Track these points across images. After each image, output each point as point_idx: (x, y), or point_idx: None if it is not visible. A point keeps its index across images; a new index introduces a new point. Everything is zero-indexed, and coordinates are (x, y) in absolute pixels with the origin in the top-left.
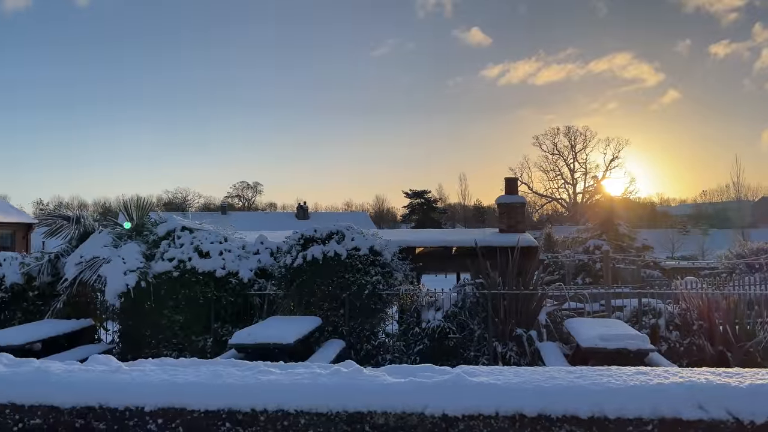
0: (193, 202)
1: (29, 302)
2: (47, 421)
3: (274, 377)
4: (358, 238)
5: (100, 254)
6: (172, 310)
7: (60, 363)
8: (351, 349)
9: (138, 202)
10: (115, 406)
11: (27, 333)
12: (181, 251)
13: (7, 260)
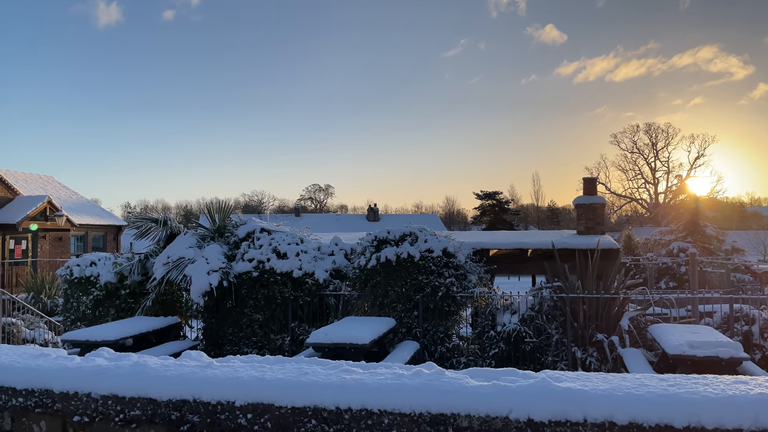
0: (268, 205)
1: (121, 300)
2: (146, 412)
3: (357, 376)
4: (431, 239)
5: (185, 255)
6: (252, 308)
7: (156, 358)
8: (425, 351)
9: (219, 205)
10: (207, 400)
11: (120, 329)
12: (260, 252)
13: (102, 260)
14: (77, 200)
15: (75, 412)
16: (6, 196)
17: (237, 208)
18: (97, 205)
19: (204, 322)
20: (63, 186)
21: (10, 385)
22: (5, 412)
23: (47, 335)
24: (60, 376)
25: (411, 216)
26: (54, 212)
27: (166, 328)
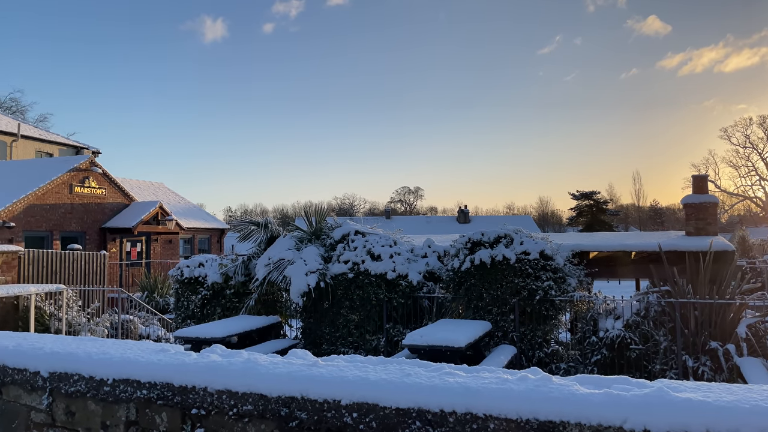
0: (359, 208)
1: (227, 299)
2: (257, 407)
3: (461, 379)
4: (527, 241)
5: (284, 256)
6: (348, 309)
7: (265, 355)
8: (522, 356)
9: (316, 208)
10: (314, 398)
11: (227, 327)
12: (355, 254)
13: (209, 262)
14: (185, 205)
15: (193, 405)
16: (123, 202)
17: (332, 211)
18: (202, 209)
19: (302, 322)
20: (172, 192)
21: (135, 378)
22: (130, 403)
23: (160, 332)
24: (179, 371)
25: (502, 217)
26: (165, 217)
27: (268, 327)
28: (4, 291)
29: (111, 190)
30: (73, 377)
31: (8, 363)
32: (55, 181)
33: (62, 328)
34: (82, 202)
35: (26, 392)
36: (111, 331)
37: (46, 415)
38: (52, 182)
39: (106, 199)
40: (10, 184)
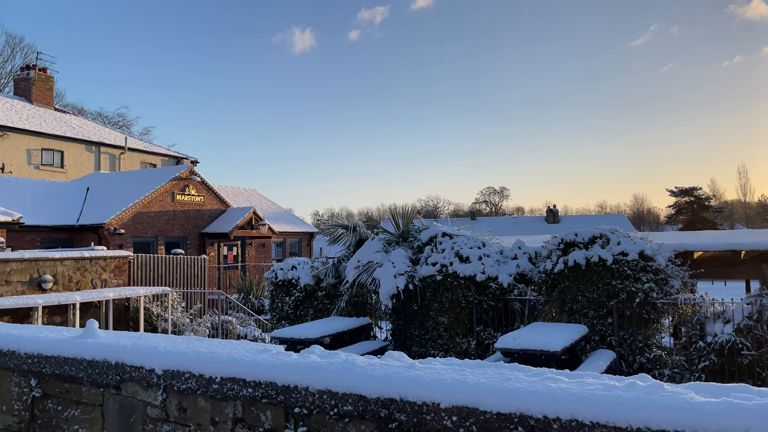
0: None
1: (318, 300)
2: (357, 408)
3: (564, 385)
4: (624, 241)
5: (373, 259)
6: (437, 311)
7: (362, 357)
8: (621, 361)
9: (403, 210)
10: (413, 400)
11: (320, 328)
12: (442, 256)
13: (301, 264)
14: (276, 210)
15: (295, 404)
16: (220, 208)
17: (418, 214)
18: (292, 213)
19: (392, 324)
20: (264, 197)
21: (241, 376)
22: (237, 401)
23: (256, 332)
24: (282, 371)
25: (594, 217)
26: (258, 221)
27: (359, 328)
28: (117, 293)
29: (209, 197)
30: (184, 375)
31: (126, 361)
32: (159, 190)
33: (168, 327)
34: (183, 209)
35: (142, 388)
36: (212, 331)
37: (160, 411)
38: (156, 191)
39: (204, 206)
40: (120, 194)
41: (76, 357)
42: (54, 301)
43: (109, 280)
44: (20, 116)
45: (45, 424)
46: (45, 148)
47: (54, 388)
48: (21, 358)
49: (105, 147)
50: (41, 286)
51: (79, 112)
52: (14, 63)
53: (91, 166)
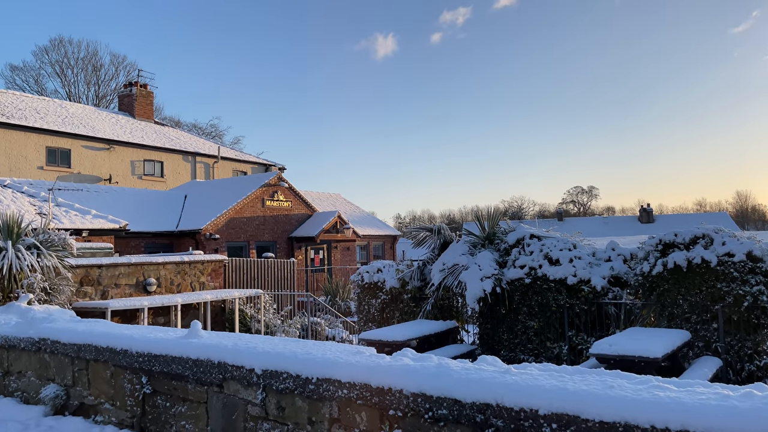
0: (528, 210)
1: (404, 303)
2: (452, 412)
3: (673, 394)
4: (730, 242)
5: (458, 262)
6: (526, 315)
7: (455, 360)
8: (728, 369)
9: (489, 212)
10: (510, 406)
11: (406, 331)
12: (531, 258)
13: (386, 267)
14: (359, 214)
15: (390, 406)
16: (306, 213)
17: (504, 215)
18: (375, 217)
19: (479, 327)
20: (348, 201)
21: (336, 378)
22: (333, 401)
23: (343, 333)
24: (375, 373)
25: (693, 215)
26: (343, 225)
27: (446, 332)
28: (214, 295)
29: (296, 203)
30: (282, 375)
31: (228, 360)
32: (250, 197)
33: (261, 328)
34: (272, 214)
35: (243, 387)
36: (301, 332)
37: (260, 409)
38: (247, 197)
39: (292, 211)
40: (214, 201)
41: (182, 356)
42: (158, 303)
43: (206, 283)
44: (125, 130)
45: (155, 419)
46: (147, 159)
47: (162, 385)
48: (133, 356)
49: (200, 156)
50: (146, 289)
51: (176, 124)
52: (118, 80)
53: (187, 174)
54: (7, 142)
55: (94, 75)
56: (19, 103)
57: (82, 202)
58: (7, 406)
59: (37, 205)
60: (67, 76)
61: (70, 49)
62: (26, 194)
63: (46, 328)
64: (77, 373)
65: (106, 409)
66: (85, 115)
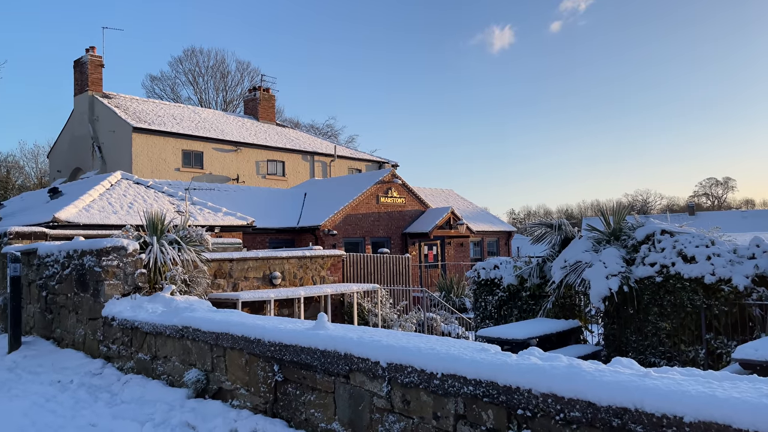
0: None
1: (522, 301)
2: (585, 415)
3: None
4: None
5: (581, 258)
6: (657, 316)
7: (587, 362)
8: None
9: (614, 207)
10: (650, 411)
11: (526, 329)
12: (662, 255)
13: (503, 264)
14: (473, 210)
15: (518, 405)
16: (419, 209)
17: (632, 210)
18: (488, 212)
19: (604, 328)
20: (461, 197)
21: (461, 374)
22: (458, 397)
23: (459, 330)
24: (503, 371)
25: None
26: (456, 221)
27: (567, 331)
28: (334, 289)
29: (409, 199)
30: (407, 369)
31: (354, 352)
32: (365, 194)
33: (378, 322)
34: (387, 210)
35: (369, 379)
36: (417, 327)
37: (385, 401)
38: (362, 194)
39: (405, 207)
40: (331, 198)
41: (311, 347)
42: (283, 295)
43: (326, 277)
44: (250, 132)
45: (286, 405)
46: (270, 159)
47: (292, 373)
48: (265, 345)
49: (318, 156)
50: (272, 282)
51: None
52: (243, 86)
53: (306, 173)
54: (149, 146)
55: (221, 82)
56: (159, 110)
57: (214, 201)
58: (156, 388)
59: (175, 203)
60: (199, 83)
61: (201, 59)
62: (166, 194)
63: (188, 317)
64: (216, 359)
65: (241, 394)
66: (215, 119)
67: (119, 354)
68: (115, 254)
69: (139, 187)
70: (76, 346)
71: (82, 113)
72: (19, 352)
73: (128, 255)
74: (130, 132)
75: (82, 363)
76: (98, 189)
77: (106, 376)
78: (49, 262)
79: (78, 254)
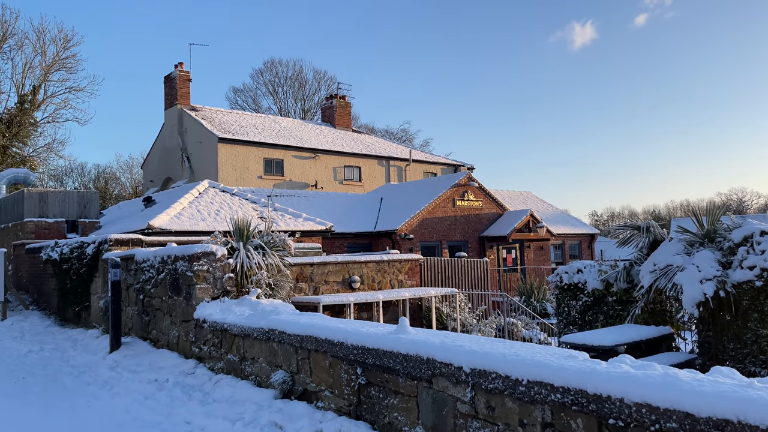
0: (751, 203)
1: (609, 306)
2: (683, 426)
3: None
4: None
5: (672, 262)
6: (757, 323)
7: (684, 371)
8: None
9: (707, 206)
10: (755, 424)
11: (613, 335)
12: (762, 258)
13: (587, 268)
14: (552, 212)
15: (609, 414)
16: (497, 212)
17: (727, 210)
18: (569, 215)
19: (698, 335)
20: (540, 199)
21: (548, 381)
22: (545, 405)
23: (540, 335)
24: (592, 379)
25: None
26: (535, 224)
27: (658, 338)
28: (412, 293)
29: (486, 202)
30: (491, 375)
31: (437, 357)
32: (441, 197)
33: (457, 327)
34: (463, 214)
35: (452, 384)
36: (497, 332)
37: (469, 407)
38: (438, 198)
39: (482, 210)
40: (407, 203)
41: (392, 350)
42: (362, 299)
43: (403, 281)
44: (327, 139)
45: (369, 408)
46: (346, 165)
47: (375, 377)
48: (348, 348)
49: (393, 160)
50: (351, 286)
51: (370, 131)
52: (320, 94)
53: (382, 178)
54: (233, 155)
55: (299, 91)
56: (241, 120)
57: (294, 207)
58: (244, 388)
59: (258, 210)
60: (278, 93)
61: (280, 69)
62: (249, 201)
63: (274, 320)
64: (300, 361)
65: (326, 396)
66: (294, 127)
67: (210, 355)
68: (205, 259)
69: (224, 195)
70: (170, 346)
71: (172, 126)
72: (120, 352)
73: (217, 260)
74: (215, 142)
75: (176, 363)
76: (187, 197)
77: (199, 375)
78: (145, 267)
79: (171, 259)
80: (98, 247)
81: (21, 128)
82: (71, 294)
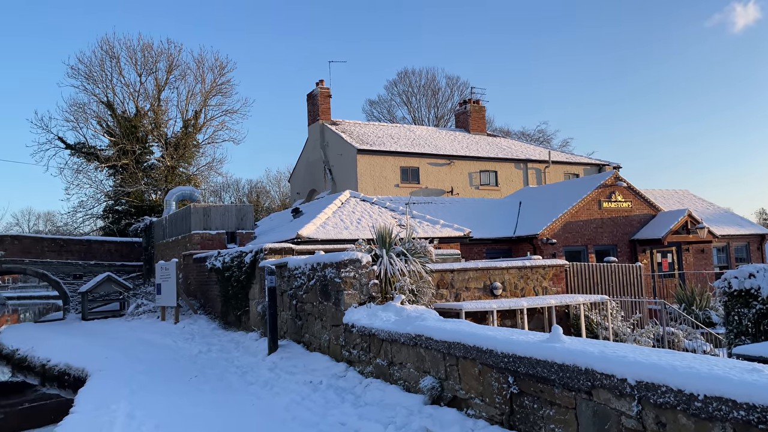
0: None
1: None
2: None
3: None
4: None
5: None
6: None
7: None
8: None
9: None
10: None
11: None
12: None
13: (760, 272)
14: (713, 211)
15: None
16: (649, 213)
17: None
18: (733, 213)
19: None
20: (698, 198)
21: (729, 396)
22: (726, 422)
23: (705, 347)
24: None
25: None
26: (694, 225)
27: None
28: (558, 300)
29: (636, 202)
30: (660, 388)
31: (597, 368)
32: (585, 199)
33: (609, 336)
34: (610, 216)
35: (615, 397)
36: (655, 342)
37: (635, 422)
38: (582, 200)
39: (632, 212)
40: (548, 206)
41: (547, 360)
42: (505, 306)
43: (548, 288)
44: (461, 145)
45: (523, 419)
46: (482, 170)
47: (528, 386)
48: (498, 356)
49: (531, 163)
50: (492, 292)
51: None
52: (453, 101)
53: (520, 182)
54: (371, 165)
55: (432, 99)
56: (378, 131)
57: (431, 213)
58: (394, 393)
59: (397, 217)
60: (412, 103)
61: (413, 79)
62: (388, 209)
63: (420, 326)
64: (449, 368)
65: (476, 403)
66: (428, 135)
67: (359, 359)
68: (351, 266)
69: (364, 204)
70: (321, 349)
71: (315, 140)
72: (277, 354)
73: (362, 267)
74: (354, 154)
75: (327, 366)
76: (331, 207)
77: (349, 378)
78: (297, 273)
79: (320, 267)
80: (255, 255)
81: (186, 150)
82: (232, 299)
